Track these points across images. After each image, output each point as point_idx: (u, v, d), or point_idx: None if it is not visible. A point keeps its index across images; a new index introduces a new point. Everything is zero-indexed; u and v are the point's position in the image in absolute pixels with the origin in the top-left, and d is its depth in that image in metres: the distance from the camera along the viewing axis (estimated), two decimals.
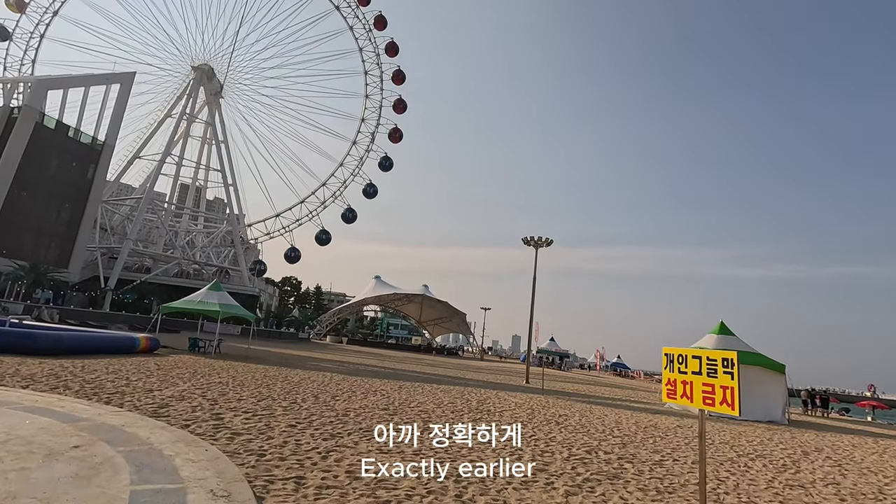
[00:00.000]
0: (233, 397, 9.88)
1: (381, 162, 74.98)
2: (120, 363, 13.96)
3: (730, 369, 4.89)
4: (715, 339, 19.75)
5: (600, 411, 15.72)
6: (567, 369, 70.90)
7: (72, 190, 50.42)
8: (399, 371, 24.77)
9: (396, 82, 74.74)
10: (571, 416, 13.44)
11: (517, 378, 31.13)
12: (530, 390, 22.18)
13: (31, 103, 45.84)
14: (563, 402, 17.84)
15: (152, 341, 19.39)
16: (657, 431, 11.99)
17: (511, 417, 11.72)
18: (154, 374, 12.27)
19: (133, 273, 59.56)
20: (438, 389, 17.02)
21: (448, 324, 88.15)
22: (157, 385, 10.45)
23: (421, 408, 11.50)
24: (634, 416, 15.22)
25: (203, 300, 22.82)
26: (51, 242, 48.72)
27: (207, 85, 68.58)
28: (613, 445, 9.03)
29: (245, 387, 11.85)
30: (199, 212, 72.73)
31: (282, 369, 18.09)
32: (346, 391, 13.27)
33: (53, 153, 48.48)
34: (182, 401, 8.71)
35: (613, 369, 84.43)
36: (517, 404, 15.04)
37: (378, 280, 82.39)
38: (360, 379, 17.57)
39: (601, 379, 52.86)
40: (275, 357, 24.41)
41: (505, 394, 18.50)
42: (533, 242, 28.90)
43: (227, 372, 15.00)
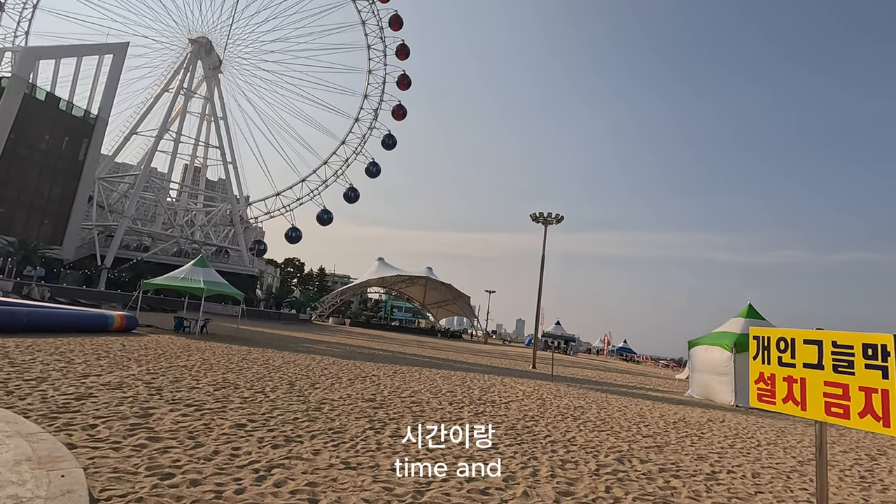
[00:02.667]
0: (185, 385, 8.24)
1: (385, 140, 72.73)
2: (79, 343, 12.39)
3: (882, 362, 3.07)
4: (742, 323, 17.95)
5: (618, 402, 14.05)
6: (573, 354, 69.49)
7: (64, 165, 48.82)
8: (398, 354, 23.21)
9: (400, 57, 72.01)
10: (588, 408, 11.76)
11: (523, 363, 29.55)
12: (538, 376, 20.56)
13: (20, 73, 43.93)
14: (576, 390, 16.18)
15: (129, 319, 17.86)
16: (689, 428, 10.29)
17: (519, 410, 10.05)
18: (109, 357, 10.66)
19: (131, 252, 58.31)
20: (437, 375, 15.39)
21: (452, 307, 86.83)
22: (102, 370, 8.83)
23: (414, 398, 9.84)
24: (657, 408, 13.54)
25: (187, 276, 21.22)
26: (43, 219, 47.29)
27: (205, 59, 66.24)
28: (647, 450, 7.32)
29: (211, 372, 10.23)
30: (199, 190, 71.04)
31: (267, 351, 16.53)
32: (330, 377, 11.64)
33: (44, 126, 46.75)
34: (113, 390, 7.06)
35: (619, 354, 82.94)
36: (525, 393, 13.38)
37: (381, 262, 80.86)
38: (351, 363, 15.97)
39: (609, 364, 51.33)
40: (265, 338, 22.90)
41: (511, 380, 16.86)
42: (542, 219, 27.00)
43: (200, 354, 13.42)
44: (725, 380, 16.86)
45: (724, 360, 17.00)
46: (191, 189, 69.69)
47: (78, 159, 49.88)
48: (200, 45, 64.64)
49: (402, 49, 71.43)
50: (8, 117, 42.85)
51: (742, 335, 17.10)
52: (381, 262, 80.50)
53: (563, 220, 27.06)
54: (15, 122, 43.31)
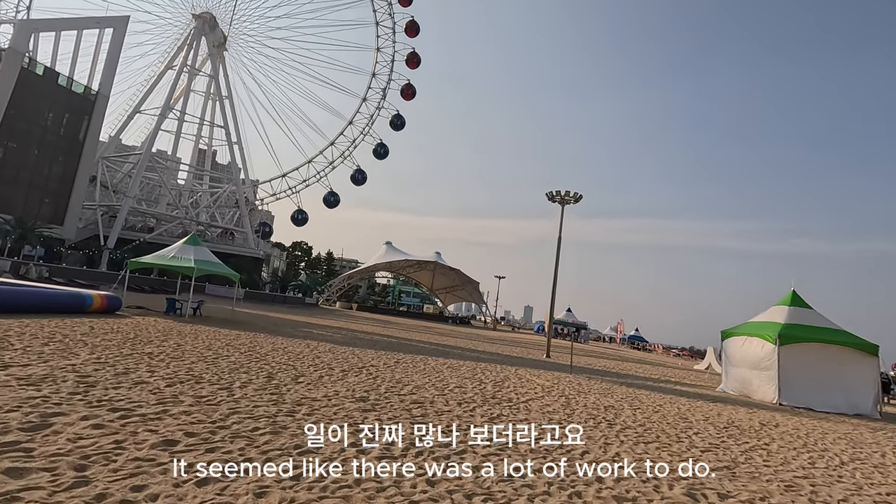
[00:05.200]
0: (132, 379, 6.67)
1: (393, 120, 70.65)
2: (39, 325, 10.91)
3: None
4: (787, 311, 16.05)
5: (649, 399, 12.34)
6: (584, 341, 67.77)
7: (64, 142, 47.55)
8: (402, 341, 21.67)
9: (410, 34, 69.42)
10: (619, 407, 10.07)
11: (536, 351, 27.92)
12: (554, 367, 18.91)
13: (15, 45, 42.42)
14: (598, 383, 14.51)
15: (111, 300, 16.44)
16: (746, 436, 8.56)
17: (542, 412, 8.39)
18: (61, 341, 9.15)
19: (136, 233, 57.32)
20: (444, 366, 13.79)
21: (460, 292, 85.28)
22: (37, 357, 7.30)
23: (416, 396, 8.21)
24: (695, 407, 11.82)
25: (176, 255, 19.74)
26: (44, 198, 46.18)
27: (209, 35, 64.22)
28: (719, 474, 5.62)
29: (177, 361, 8.67)
30: (205, 171, 69.65)
31: (258, 336, 15.03)
32: (320, 368, 10.06)
33: (43, 102, 45.33)
34: (26, 386, 5.49)
35: (631, 342, 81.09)
36: (544, 388, 11.73)
37: (389, 246, 79.36)
38: (350, 350, 14.41)
39: (622, 352, 49.61)
40: (262, 322, 21.46)
41: (526, 372, 15.22)
42: (559, 198, 25.07)
43: (178, 339, 11.91)
44: (768, 375, 15.04)
45: (767, 353, 15.17)
46: (196, 170, 68.37)
47: (78, 137, 48.55)
48: (204, 20, 62.63)
49: (411, 26, 68.82)
50: (5, 91, 41.48)
51: (788, 325, 15.24)
52: (389, 247, 78.99)
53: (581, 198, 25.11)
54: (12, 96, 41.94)
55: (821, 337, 15.18)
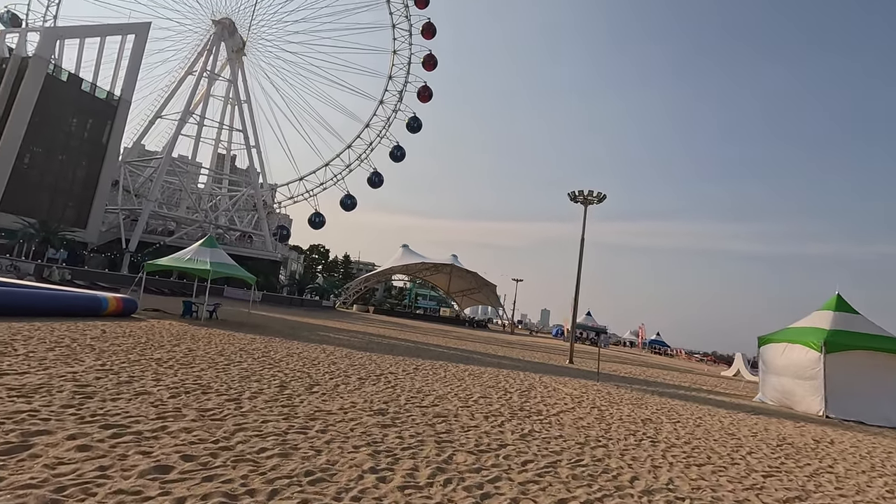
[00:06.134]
0: (134, 389, 6.19)
1: (410, 123, 70.37)
2: (49, 328, 10.60)
3: None
4: (832, 316, 14.99)
5: (687, 410, 11.50)
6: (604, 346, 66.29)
7: (88, 147, 48.28)
8: (420, 345, 21.07)
9: (426, 36, 69.11)
10: (658, 421, 9.29)
11: (558, 356, 27.06)
12: (579, 373, 18.10)
13: (41, 52, 43.25)
14: (628, 392, 13.68)
15: (126, 303, 16.22)
16: (805, 456, 7.72)
17: (576, 427, 7.68)
18: (68, 346, 8.77)
19: (157, 236, 57.96)
20: (466, 373, 13.14)
21: (477, 295, 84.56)
22: (37, 364, 6.89)
23: (438, 409, 7.58)
24: (738, 421, 10.94)
25: (193, 258, 19.49)
26: (67, 202, 46.92)
27: (229, 41, 64.89)
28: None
29: (186, 368, 8.20)
30: (224, 174, 70.32)
31: (273, 340, 14.59)
32: (336, 376, 9.51)
33: (67, 108, 46.12)
34: (17, 397, 5.02)
35: (652, 347, 79.15)
36: (573, 398, 10.99)
37: (406, 249, 79.13)
38: (366, 356, 13.86)
39: (645, 358, 48.26)
40: (278, 325, 21.09)
41: (551, 380, 14.47)
42: (582, 198, 24.24)
43: (191, 343, 11.50)
44: (812, 385, 14.02)
45: (811, 362, 14.15)
46: (215, 174, 69.07)
47: (101, 142, 49.27)
48: (224, 26, 63.30)
49: (428, 28, 68.50)
50: (30, 98, 42.28)
51: (834, 332, 14.20)
52: (406, 250, 78.76)
53: (605, 198, 24.24)
54: (37, 102, 42.72)
55: (870, 344, 14.11)
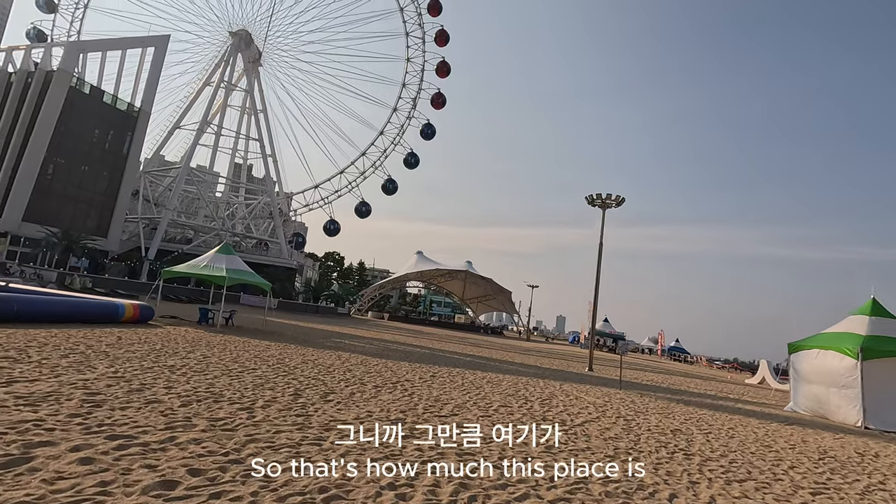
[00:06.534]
0: (145, 397, 6.00)
1: (423, 129, 70.46)
2: (65, 335, 10.56)
3: None
4: (867, 321, 14.29)
5: (716, 420, 10.96)
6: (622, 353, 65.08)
7: (109, 158, 49.28)
8: (436, 352, 20.76)
9: (439, 43, 69.32)
10: (688, 432, 8.82)
11: (576, 363, 26.50)
12: (600, 381, 17.59)
13: (64, 66, 44.38)
14: (653, 401, 13.16)
15: (143, 310, 16.23)
16: (850, 470, 7.20)
17: (603, 437, 7.29)
18: (82, 353, 8.67)
19: (175, 244, 58.80)
20: (484, 380, 12.78)
21: (492, 302, 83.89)
22: (49, 371, 6.77)
23: (458, 419, 7.26)
24: (772, 431, 10.38)
25: (209, 264, 19.52)
26: (89, 211, 47.88)
27: (245, 52, 65.93)
28: None
29: (200, 375, 8.02)
30: (241, 183, 71.22)
31: (288, 347, 14.42)
32: (352, 383, 9.25)
33: (89, 119, 47.19)
34: (24, 406, 4.86)
35: (671, 354, 77.47)
36: (597, 407, 10.55)
37: (420, 255, 78.96)
38: (382, 363, 13.59)
39: (665, 365, 47.16)
40: (293, 332, 20.98)
41: (571, 387, 14.03)
42: (600, 202, 23.77)
43: (206, 350, 11.37)
44: (849, 394, 13.33)
45: (847, 369, 13.47)
46: (232, 182, 69.99)
47: (122, 153, 50.27)
48: (240, 37, 64.35)
49: (441, 35, 68.74)
50: (54, 110, 43.35)
51: (871, 338, 13.51)
52: (420, 256, 78.59)
53: (623, 202, 23.73)
54: (61, 114, 43.78)
55: None
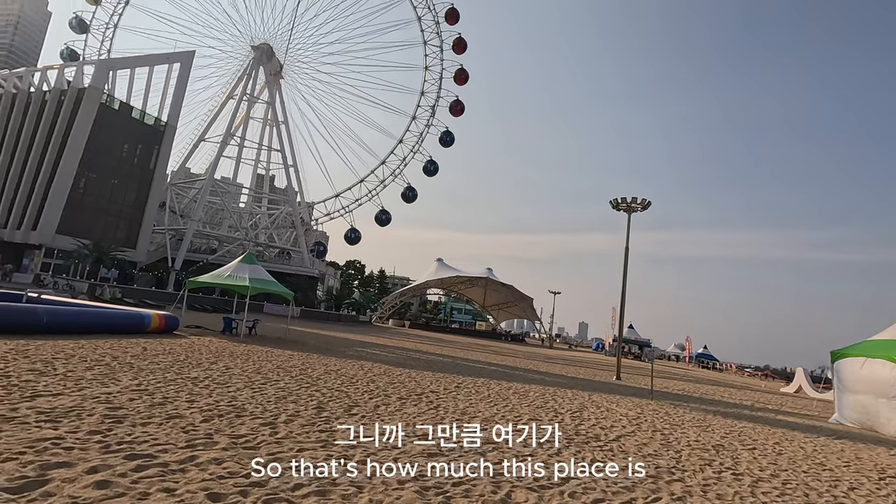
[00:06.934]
0: (166, 412, 5.86)
1: (442, 137, 70.60)
2: (92, 346, 10.62)
3: None
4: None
5: (758, 434, 10.35)
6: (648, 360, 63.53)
7: (137, 171, 50.64)
8: (458, 361, 20.42)
9: (457, 51, 69.56)
10: (731, 448, 8.29)
11: (603, 372, 25.80)
12: (629, 391, 16.99)
13: (95, 83, 45.89)
14: (688, 413, 12.56)
15: (168, 320, 16.37)
16: None
17: (641, 454, 6.86)
18: (108, 365, 8.65)
19: (200, 254, 59.98)
20: (510, 390, 12.40)
21: (513, 309, 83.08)
22: (73, 385, 6.71)
23: (487, 433, 6.94)
24: (821, 446, 9.73)
25: (232, 274, 19.66)
26: (118, 223, 49.17)
27: (267, 65, 67.27)
28: None
29: (223, 387, 7.89)
30: (263, 193, 72.42)
31: (310, 357, 14.31)
32: (376, 395, 9.01)
33: (118, 134, 48.61)
34: (45, 422, 4.74)
35: (699, 361, 75.28)
36: (630, 419, 10.08)
37: (440, 262, 78.86)
38: (405, 372, 13.34)
39: (694, 373, 45.74)
40: (316, 341, 20.94)
41: (601, 398, 13.52)
42: (625, 205, 23.19)
43: (229, 361, 11.30)
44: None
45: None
46: (255, 193, 71.19)
47: (149, 166, 51.60)
48: (262, 51, 65.71)
49: (458, 43, 68.98)
50: (85, 126, 44.79)
51: None
52: (441, 263, 78.48)
53: (649, 205, 23.10)
54: (92, 130, 45.21)
55: None
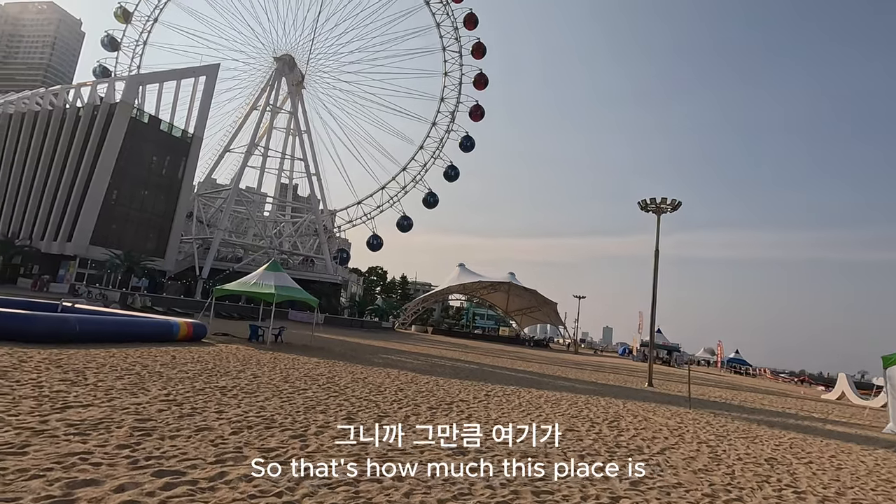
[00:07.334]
0: (195, 423, 5.70)
1: (462, 142, 70.46)
2: (123, 355, 10.67)
3: None
4: None
5: (811, 445, 9.70)
6: (677, 365, 61.70)
7: (165, 182, 51.96)
8: (485, 368, 20.04)
9: (476, 56, 69.46)
10: (787, 463, 7.73)
11: (633, 378, 25.01)
12: (663, 398, 16.33)
13: (126, 98, 47.35)
14: (731, 422, 11.92)
15: (196, 328, 16.49)
16: None
17: (691, 470, 6.41)
18: (137, 374, 8.62)
19: (226, 263, 61.02)
20: (541, 399, 11.99)
21: (536, 314, 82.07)
22: (103, 395, 6.64)
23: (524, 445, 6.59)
24: (883, 460, 9.04)
25: (258, 282, 19.74)
26: (148, 233, 50.47)
27: (289, 75, 68.36)
28: None
29: (251, 396, 7.75)
30: (287, 202, 73.45)
31: (336, 364, 14.16)
32: (405, 405, 8.75)
33: (148, 146, 50.00)
34: (75, 434, 4.62)
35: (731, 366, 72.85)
36: (672, 430, 9.56)
37: (462, 268, 78.54)
38: (433, 380, 13.06)
39: (728, 378, 44.17)
40: (341, 348, 20.85)
41: (636, 406, 12.97)
42: (654, 206, 22.50)
43: (256, 369, 11.22)
44: None
45: None
46: (279, 202, 72.27)
47: (177, 177, 52.90)
48: (284, 62, 66.84)
49: (478, 48, 68.91)
50: (117, 139, 46.20)
51: None
52: (462, 269, 78.15)
53: (679, 206, 22.37)
54: (123, 143, 46.62)
55: None
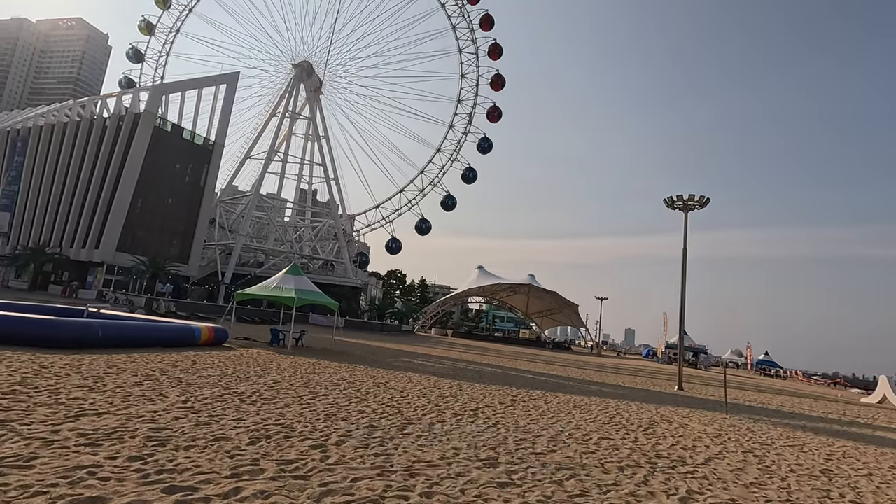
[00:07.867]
0: (211, 433, 5.45)
1: (480, 144, 70.11)
2: (143, 360, 10.58)
3: None
4: None
5: (864, 455, 9.00)
6: (704, 368, 59.98)
7: (188, 189, 52.82)
8: (508, 371, 19.56)
9: (493, 57, 69.13)
10: (845, 475, 7.12)
11: (661, 381, 24.19)
12: (696, 402, 15.62)
13: (150, 108, 48.35)
14: (774, 429, 11.23)
15: (218, 332, 16.44)
16: None
17: (744, 486, 5.88)
18: (157, 380, 8.46)
19: (248, 268, 61.76)
20: (569, 404, 11.50)
21: (557, 316, 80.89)
22: (120, 402, 6.45)
23: (557, 455, 6.16)
24: None
25: (278, 286, 19.68)
26: (172, 240, 51.34)
27: (307, 81, 69.03)
28: None
29: (270, 403, 7.49)
30: (307, 207, 74.08)
31: (357, 369, 13.90)
32: (429, 410, 8.39)
33: (171, 154, 50.91)
34: (86, 445, 4.39)
35: (761, 368, 70.58)
36: (711, 438, 8.98)
37: (481, 270, 77.99)
38: (455, 385, 12.68)
39: (759, 381, 42.64)
40: (361, 352, 20.63)
41: (670, 412, 12.36)
42: (681, 203, 21.73)
43: (277, 374, 11.01)
44: None
45: None
46: (299, 207, 72.94)
47: (200, 184, 53.75)
48: (302, 68, 67.52)
49: (494, 49, 68.55)
50: (141, 148, 47.17)
51: None
52: (482, 271, 77.61)
53: (708, 202, 21.56)
54: (147, 152, 47.57)
55: None
